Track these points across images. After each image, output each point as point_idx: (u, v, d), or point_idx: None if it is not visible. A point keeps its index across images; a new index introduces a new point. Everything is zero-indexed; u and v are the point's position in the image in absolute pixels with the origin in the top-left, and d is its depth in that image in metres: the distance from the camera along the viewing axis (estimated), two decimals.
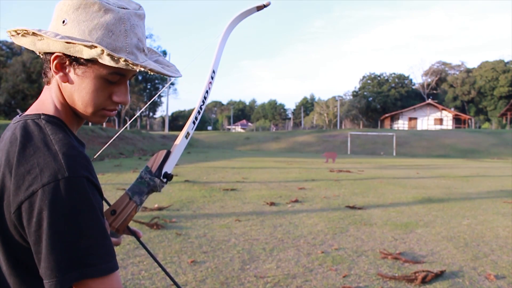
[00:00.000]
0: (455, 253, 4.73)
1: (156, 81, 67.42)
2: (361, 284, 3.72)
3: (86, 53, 0.83)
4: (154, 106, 72.61)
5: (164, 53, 58.91)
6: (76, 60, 0.87)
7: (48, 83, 0.93)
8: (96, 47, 0.82)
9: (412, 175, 14.21)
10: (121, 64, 0.84)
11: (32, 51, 0.97)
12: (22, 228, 0.79)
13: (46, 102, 0.92)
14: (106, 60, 0.83)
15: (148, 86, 67.63)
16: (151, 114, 75.93)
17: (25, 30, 0.87)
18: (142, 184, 0.97)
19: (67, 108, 0.93)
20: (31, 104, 0.97)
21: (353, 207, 7.45)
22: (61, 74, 0.89)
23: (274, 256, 4.50)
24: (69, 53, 0.85)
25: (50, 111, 0.91)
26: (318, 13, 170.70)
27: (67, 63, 0.88)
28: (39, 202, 0.76)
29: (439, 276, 3.92)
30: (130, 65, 0.84)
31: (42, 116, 0.88)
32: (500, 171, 17.10)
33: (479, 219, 6.67)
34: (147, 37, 0.99)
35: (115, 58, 0.83)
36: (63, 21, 0.86)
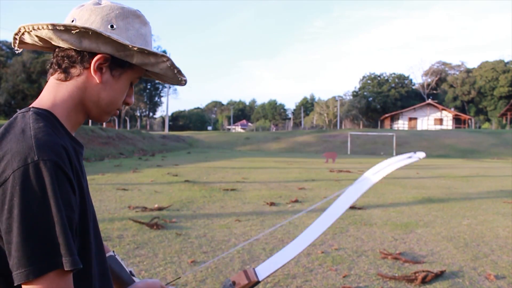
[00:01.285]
0: (455, 253, 4.73)
1: (156, 81, 67.44)
2: (361, 284, 3.72)
3: (137, 59, 0.92)
4: (154, 106, 72.66)
5: (164, 53, 58.99)
6: (117, 63, 0.93)
7: (68, 79, 0.92)
8: (163, 56, 0.94)
9: (412, 175, 14.20)
10: (171, 74, 0.98)
11: (33, 51, 0.98)
12: None
13: (44, 98, 0.92)
14: (163, 68, 0.95)
15: (148, 86, 67.69)
16: (151, 114, 75.91)
17: (85, 28, 0.85)
18: None
19: (76, 105, 0.93)
20: (30, 104, 0.97)
21: (353, 207, 7.44)
22: (98, 74, 0.92)
23: None
24: (118, 56, 0.91)
25: (44, 105, 0.91)
26: (318, 13, 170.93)
27: (107, 64, 0.92)
28: (10, 188, 0.75)
29: (439, 276, 3.92)
30: (178, 75, 0.99)
31: (31, 109, 0.89)
32: (500, 171, 17.10)
33: (479, 219, 6.67)
34: None
35: (171, 68, 0.96)
36: (112, 26, 0.92)
